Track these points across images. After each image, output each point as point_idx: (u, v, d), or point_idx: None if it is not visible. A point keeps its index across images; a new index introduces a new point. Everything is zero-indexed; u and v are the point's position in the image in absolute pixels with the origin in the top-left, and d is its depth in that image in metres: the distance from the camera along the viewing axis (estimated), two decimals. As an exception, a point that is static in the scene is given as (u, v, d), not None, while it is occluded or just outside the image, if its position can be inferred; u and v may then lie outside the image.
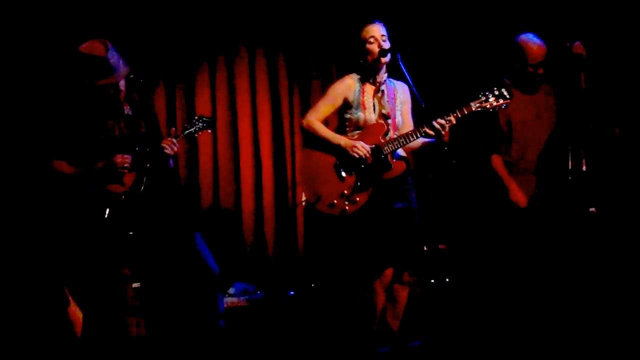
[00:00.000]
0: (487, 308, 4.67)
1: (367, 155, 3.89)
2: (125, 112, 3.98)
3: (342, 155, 3.93)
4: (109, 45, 3.82)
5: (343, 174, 3.93)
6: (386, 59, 3.93)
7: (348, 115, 4.01)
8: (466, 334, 4.51)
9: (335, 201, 3.91)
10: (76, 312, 4.17)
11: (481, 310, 4.71)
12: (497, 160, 4.49)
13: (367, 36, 3.92)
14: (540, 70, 4.43)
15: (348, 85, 4.01)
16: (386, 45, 3.93)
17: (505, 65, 4.52)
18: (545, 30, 4.63)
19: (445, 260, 5.58)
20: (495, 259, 4.63)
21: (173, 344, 4.14)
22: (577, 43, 4.52)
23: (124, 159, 3.81)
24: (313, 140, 4.02)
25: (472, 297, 4.91)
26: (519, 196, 4.43)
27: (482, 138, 4.49)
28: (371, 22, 3.95)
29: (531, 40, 4.42)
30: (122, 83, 3.88)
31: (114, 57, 3.81)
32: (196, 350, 4.06)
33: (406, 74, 3.87)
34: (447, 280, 5.47)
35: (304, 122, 4.03)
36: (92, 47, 3.80)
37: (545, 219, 4.46)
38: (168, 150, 3.90)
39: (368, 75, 4.00)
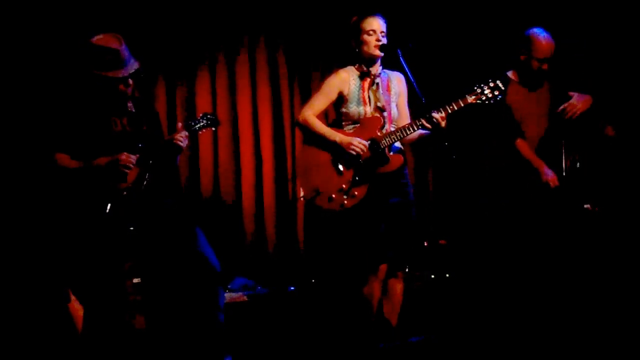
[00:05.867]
0: (487, 303, 4.67)
1: (364, 151, 3.90)
2: (129, 109, 3.98)
3: (339, 151, 3.94)
4: (122, 39, 3.83)
5: (341, 168, 3.93)
6: (381, 54, 3.94)
7: (344, 110, 4.00)
8: (467, 329, 4.51)
9: (333, 195, 3.91)
10: (77, 308, 4.17)
11: (482, 305, 4.72)
12: (522, 144, 4.49)
13: (368, 28, 3.92)
14: (545, 66, 4.43)
15: (342, 79, 4.00)
16: (384, 41, 3.93)
17: (511, 58, 4.52)
18: (545, 26, 4.64)
19: (445, 256, 5.59)
20: (495, 255, 4.64)
21: (173, 339, 4.14)
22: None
23: (128, 158, 3.81)
24: (310, 135, 4.02)
25: (472, 293, 4.92)
26: (550, 176, 4.42)
27: (501, 126, 4.49)
28: (374, 14, 3.95)
29: (540, 35, 4.42)
30: (130, 79, 3.89)
31: (126, 52, 3.82)
32: (196, 346, 4.06)
33: (407, 70, 3.87)
34: (448, 275, 5.47)
35: (300, 117, 4.03)
36: (107, 39, 3.80)
37: (540, 215, 4.46)
38: (181, 143, 3.90)
39: (363, 66, 4.00)
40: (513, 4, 5.48)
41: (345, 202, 3.90)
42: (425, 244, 5.67)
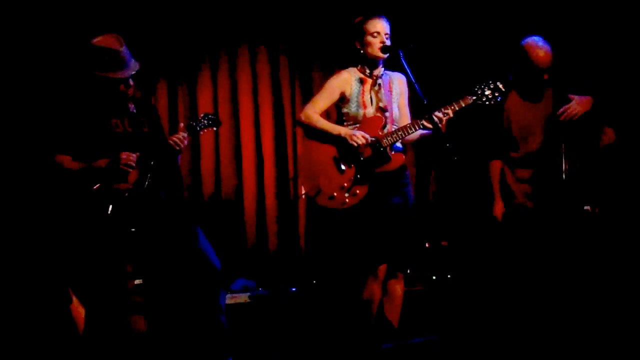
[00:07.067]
0: (489, 304, 4.67)
1: (367, 143, 3.90)
2: (130, 110, 3.98)
3: (342, 147, 3.94)
4: (122, 40, 3.83)
5: (342, 166, 3.94)
6: (385, 56, 3.94)
7: (345, 110, 4.02)
8: (469, 330, 4.51)
9: (335, 194, 3.92)
10: (78, 309, 4.17)
11: (483, 306, 4.72)
12: (494, 167, 4.47)
13: (372, 30, 3.93)
14: (546, 76, 4.36)
15: (344, 80, 4.02)
16: (388, 43, 3.94)
17: (509, 69, 4.47)
18: (546, 26, 4.63)
19: (447, 257, 5.59)
20: (496, 256, 4.63)
21: (175, 340, 4.14)
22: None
23: (129, 157, 3.81)
24: (312, 133, 4.02)
25: (474, 294, 4.92)
26: (497, 210, 4.44)
27: (485, 141, 4.49)
28: (378, 16, 3.97)
29: (537, 45, 4.31)
30: (131, 80, 3.89)
31: (127, 52, 3.83)
32: (198, 347, 4.06)
33: (408, 71, 3.87)
34: (449, 276, 5.47)
35: (302, 116, 4.04)
36: (107, 40, 3.81)
37: (541, 217, 4.46)
38: (174, 143, 3.89)
39: (365, 67, 4.01)
40: (514, 4, 5.48)
41: (347, 200, 3.90)
42: (427, 245, 5.66)
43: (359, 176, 3.92)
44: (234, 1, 5.79)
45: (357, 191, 3.91)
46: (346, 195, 3.90)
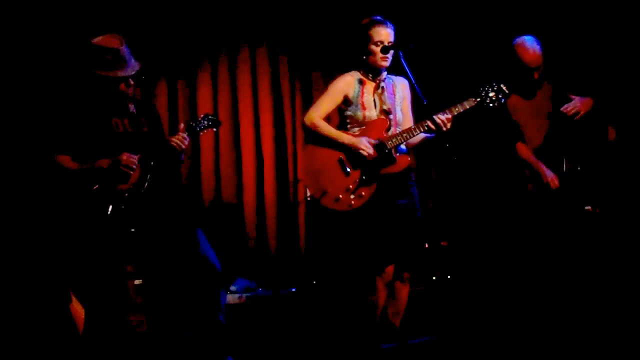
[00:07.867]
0: (489, 304, 4.67)
1: (371, 154, 3.90)
2: (130, 110, 3.98)
3: (347, 152, 3.94)
4: (123, 40, 3.84)
5: (348, 168, 3.94)
6: (387, 63, 3.94)
7: (349, 112, 4.02)
8: (468, 330, 4.51)
9: (340, 196, 3.91)
10: (78, 309, 4.17)
11: (483, 306, 4.72)
12: (522, 147, 4.51)
13: (376, 38, 3.92)
14: (536, 75, 4.42)
15: (347, 83, 4.02)
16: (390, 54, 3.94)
17: (506, 68, 4.50)
18: (546, 27, 4.62)
19: (447, 257, 5.59)
20: (496, 256, 4.64)
21: (175, 340, 4.14)
22: None
23: (130, 158, 3.81)
24: (316, 137, 4.02)
25: (473, 294, 4.92)
26: (550, 177, 4.43)
27: (503, 128, 4.51)
28: (384, 24, 3.94)
29: (524, 45, 4.41)
30: (131, 80, 3.89)
31: (127, 52, 3.83)
32: (197, 347, 4.06)
33: (408, 72, 3.87)
34: (449, 277, 5.47)
35: (306, 119, 4.03)
36: (107, 40, 3.81)
37: (542, 217, 4.46)
38: (176, 145, 3.90)
39: (368, 72, 4.01)
40: (515, 4, 5.48)
41: (353, 202, 3.90)
42: (427, 246, 5.66)
43: (364, 178, 3.92)
44: (234, 1, 5.79)
45: (363, 193, 3.91)
46: (352, 197, 3.90)
